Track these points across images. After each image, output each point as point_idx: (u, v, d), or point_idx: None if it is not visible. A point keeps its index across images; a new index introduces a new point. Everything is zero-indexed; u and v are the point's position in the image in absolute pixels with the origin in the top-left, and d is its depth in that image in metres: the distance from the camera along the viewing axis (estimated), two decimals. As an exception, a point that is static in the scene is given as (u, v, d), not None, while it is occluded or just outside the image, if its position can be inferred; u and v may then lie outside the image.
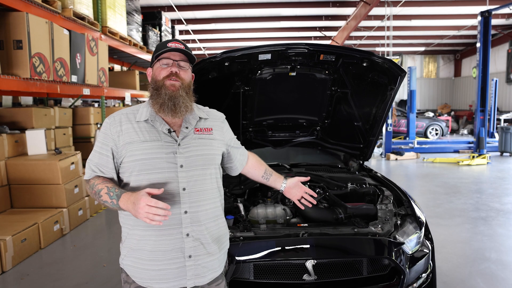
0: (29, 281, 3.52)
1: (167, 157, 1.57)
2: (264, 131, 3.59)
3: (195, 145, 1.63)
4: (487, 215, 5.31)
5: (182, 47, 1.62)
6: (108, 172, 1.62)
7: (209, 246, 1.64)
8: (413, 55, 21.73)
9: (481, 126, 10.39)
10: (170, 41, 1.63)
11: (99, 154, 1.62)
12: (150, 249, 1.57)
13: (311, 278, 2.11)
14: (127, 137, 1.58)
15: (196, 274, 1.60)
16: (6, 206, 4.68)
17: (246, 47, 2.73)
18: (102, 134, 1.63)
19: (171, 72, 1.60)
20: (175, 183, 1.57)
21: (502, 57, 17.29)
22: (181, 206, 1.57)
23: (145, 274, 1.59)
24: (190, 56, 1.65)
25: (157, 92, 1.59)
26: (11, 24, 4.12)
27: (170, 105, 1.57)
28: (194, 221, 1.59)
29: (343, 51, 2.91)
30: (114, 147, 1.60)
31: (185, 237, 1.57)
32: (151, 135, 1.59)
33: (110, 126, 1.61)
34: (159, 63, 1.62)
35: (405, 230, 2.45)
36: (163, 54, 1.61)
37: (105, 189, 1.53)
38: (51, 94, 6.63)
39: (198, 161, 1.62)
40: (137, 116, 1.63)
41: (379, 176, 3.40)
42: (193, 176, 1.60)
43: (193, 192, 1.60)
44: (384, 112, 3.23)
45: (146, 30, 8.78)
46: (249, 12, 12.99)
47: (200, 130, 1.68)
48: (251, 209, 2.76)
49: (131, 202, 1.44)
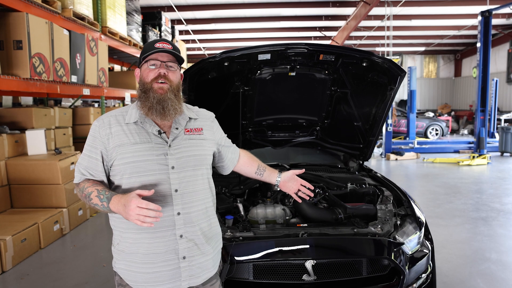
0: (29, 281, 3.52)
1: (158, 158, 1.55)
2: (263, 131, 3.59)
3: (185, 146, 1.62)
4: (487, 216, 5.30)
5: (170, 47, 1.58)
6: (97, 175, 1.59)
7: (203, 247, 1.63)
8: (413, 55, 21.72)
9: (481, 126, 10.38)
10: (157, 41, 1.59)
11: (88, 158, 1.59)
12: (143, 252, 1.55)
13: (311, 278, 2.11)
14: (117, 139, 1.56)
15: (190, 275, 1.60)
16: (6, 206, 4.68)
17: (246, 47, 2.73)
18: (91, 137, 1.60)
19: (159, 74, 1.57)
20: (167, 184, 1.56)
21: (502, 57, 17.29)
22: (173, 208, 1.56)
23: (139, 277, 1.57)
24: (178, 57, 1.62)
25: (145, 95, 1.57)
26: (11, 24, 4.12)
27: (159, 108, 1.55)
28: (187, 222, 1.59)
29: (342, 51, 2.91)
30: (103, 150, 1.57)
31: (178, 239, 1.57)
32: (141, 137, 1.57)
33: (99, 128, 1.59)
34: (147, 64, 1.59)
35: (404, 230, 2.45)
36: (150, 55, 1.58)
37: (95, 192, 1.51)
38: (51, 94, 6.64)
39: (189, 162, 1.61)
40: (126, 118, 1.61)
41: (379, 176, 3.40)
42: (185, 177, 1.59)
43: (185, 193, 1.59)
44: (384, 112, 3.22)
45: (146, 30, 8.78)
46: (249, 12, 12.99)
47: (190, 131, 1.66)
48: (250, 209, 2.76)
49: (121, 205, 1.42)
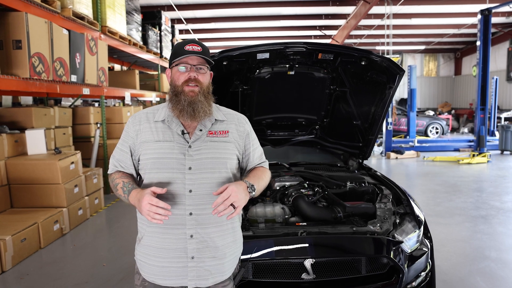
0: (29, 280, 3.53)
1: (177, 158, 1.59)
2: (263, 130, 3.59)
3: (206, 148, 1.63)
4: (487, 214, 5.30)
5: (199, 49, 1.61)
6: (127, 167, 1.70)
7: (215, 250, 1.62)
8: (413, 54, 21.70)
9: (481, 124, 10.38)
10: (187, 43, 1.61)
11: (120, 151, 1.70)
12: (155, 246, 1.61)
13: (310, 277, 2.11)
14: (144, 136, 1.64)
15: (198, 276, 1.60)
16: (6, 206, 4.68)
17: (244, 46, 2.73)
18: (124, 131, 1.72)
19: (190, 77, 1.61)
20: (181, 184, 1.59)
21: (502, 55, 17.27)
22: (185, 208, 1.58)
23: (150, 270, 1.63)
24: (207, 59, 1.65)
25: (176, 98, 1.62)
26: (10, 24, 4.12)
27: (190, 110, 1.59)
28: (199, 224, 1.59)
29: (341, 50, 2.91)
30: (132, 144, 1.67)
31: (188, 238, 1.58)
32: (165, 136, 1.63)
33: (131, 124, 1.69)
34: (177, 67, 1.64)
35: (404, 228, 2.45)
36: (181, 59, 1.61)
37: (121, 184, 1.62)
38: (51, 94, 6.64)
39: (207, 164, 1.62)
40: (156, 116, 1.68)
41: (378, 175, 3.40)
42: (201, 179, 1.60)
43: (200, 195, 1.60)
44: (383, 111, 3.22)
45: (146, 29, 8.78)
46: (249, 11, 12.99)
47: (214, 133, 1.67)
48: (249, 208, 2.76)
49: (137, 199, 1.51)
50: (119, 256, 4.01)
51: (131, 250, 1.73)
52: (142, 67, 11.29)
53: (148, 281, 1.65)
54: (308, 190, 3.00)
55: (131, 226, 4.91)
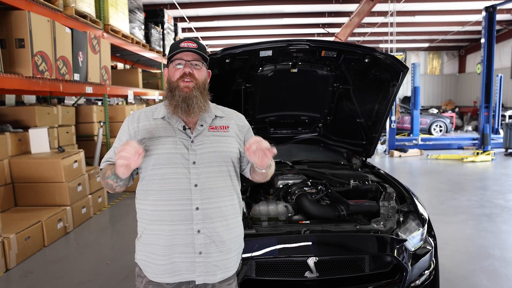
0: (33, 278, 3.54)
1: (180, 153, 1.60)
2: (266, 128, 3.58)
3: (209, 142, 1.65)
4: (491, 212, 5.27)
5: (194, 46, 1.63)
6: None
7: (222, 245, 1.63)
8: (417, 52, 21.59)
9: (485, 122, 10.32)
10: (183, 41, 1.64)
11: (116, 149, 1.67)
12: (162, 244, 1.59)
13: (313, 275, 2.11)
14: (143, 133, 1.64)
15: (206, 272, 1.60)
16: (10, 204, 4.70)
17: (247, 44, 2.72)
18: (121, 130, 1.71)
19: (184, 73, 1.62)
20: (186, 179, 1.59)
21: (507, 52, 17.13)
22: (192, 202, 1.58)
23: (157, 269, 1.61)
24: (203, 55, 1.66)
25: (171, 93, 1.63)
26: (13, 22, 4.13)
27: (184, 106, 1.60)
28: (206, 218, 1.59)
29: (344, 47, 2.90)
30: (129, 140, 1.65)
31: (195, 234, 1.58)
32: (166, 132, 1.64)
33: (129, 123, 1.70)
34: (173, 64, 1.65)
35: (407, 227, 2.44)
36: (175, 55, 1.64)
37: (109, 171, 1.59)
38: (54, 93, 6.66)
39: (211, 158, 1.63)
40: (155, 113, 1.69)
41: (381, 173, 3.39)
42: (206, 173, 1.61)
43: (205, 189, 1.61)
44: (387, 109, 3.21)
45: (149, 28, 8.77)
46: (252, 9, 12.96)
47: (215, 128, 1.69)
48: (253, 206, 2.76)
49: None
50: (122, 254, 4.02)
51: (135, 248, 1.72)
52: (145, 65, 11.29)
53: (154, 281, 1.62)
54: (311, 188, 2.99)
55: (134, 225, 4.90)
